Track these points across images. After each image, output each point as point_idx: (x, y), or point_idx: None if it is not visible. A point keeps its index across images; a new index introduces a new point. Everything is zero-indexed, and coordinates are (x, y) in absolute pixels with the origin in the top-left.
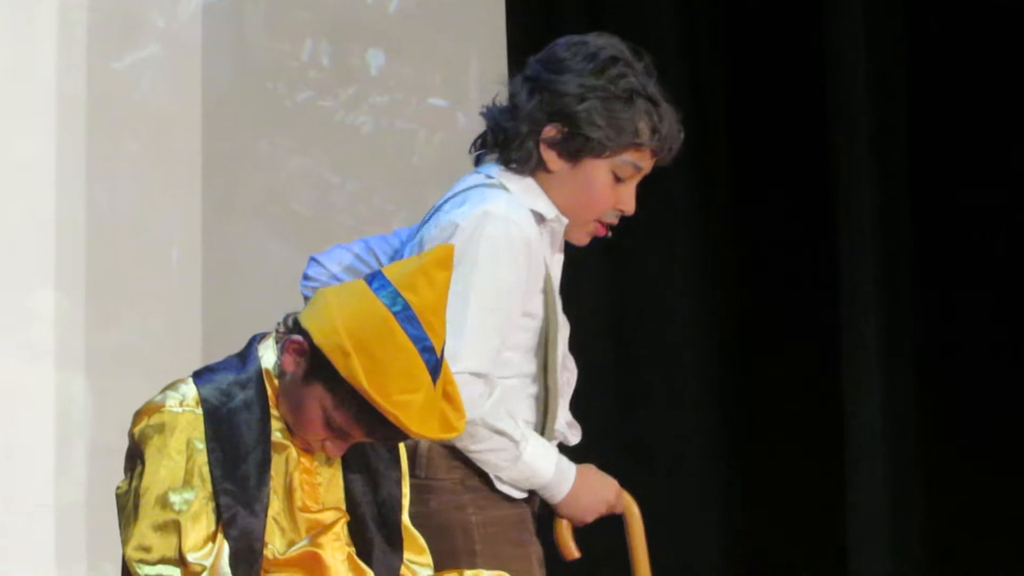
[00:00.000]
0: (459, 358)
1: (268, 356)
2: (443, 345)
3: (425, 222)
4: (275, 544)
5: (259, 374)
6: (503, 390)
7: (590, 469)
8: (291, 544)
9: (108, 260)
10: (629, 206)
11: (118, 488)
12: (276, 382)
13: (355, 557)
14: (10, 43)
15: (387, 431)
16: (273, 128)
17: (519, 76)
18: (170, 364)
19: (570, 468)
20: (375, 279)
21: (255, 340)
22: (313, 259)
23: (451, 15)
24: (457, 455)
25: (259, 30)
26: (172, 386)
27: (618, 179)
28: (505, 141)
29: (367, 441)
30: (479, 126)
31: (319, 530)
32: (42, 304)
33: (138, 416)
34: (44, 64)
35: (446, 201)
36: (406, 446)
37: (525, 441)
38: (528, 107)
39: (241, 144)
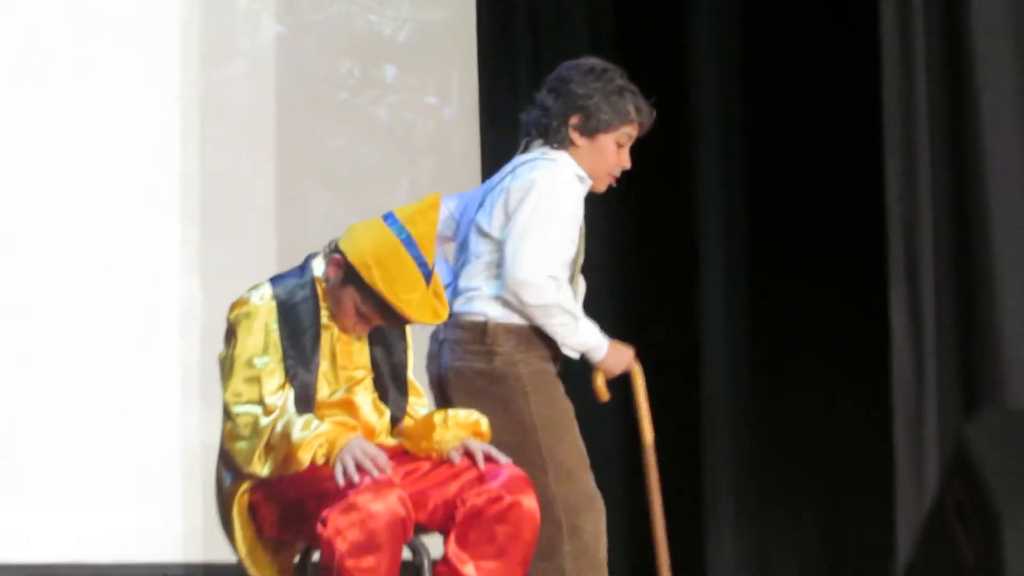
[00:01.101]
0: (543, 265)
1: (318, 268)
2: (433, 261)
3: (493, 186)
4: (323, 392)
5: (312, 280)
6: (566, 287)
7: (615, 341)
8: (334, 392)
9: (215, 203)
10: (627, 163)
11: (220, 355)
12: (324, 285)
13: (377, 400)
14: (145, 61)
15: (396, 318)
16: (322, 117)
17: (543, 90)
18: (255, 273)
19: (605, 338)
20: (388, 217)
21: (309, 257)
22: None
23: (440, 43)
24: (508, 330)
25: (313, 51)
26: (256, 287)
27: (619, 146)
28: (546, 132)
29: (383, 324)
30: (461, 117)
31: (353, 382)
32: (170, 234)
33: (233, 307)
34: (169, 74)
35: (515, 168)
36: (475, 324)
37: (580, 319)
38: (556, 107)
39: (301, 128)
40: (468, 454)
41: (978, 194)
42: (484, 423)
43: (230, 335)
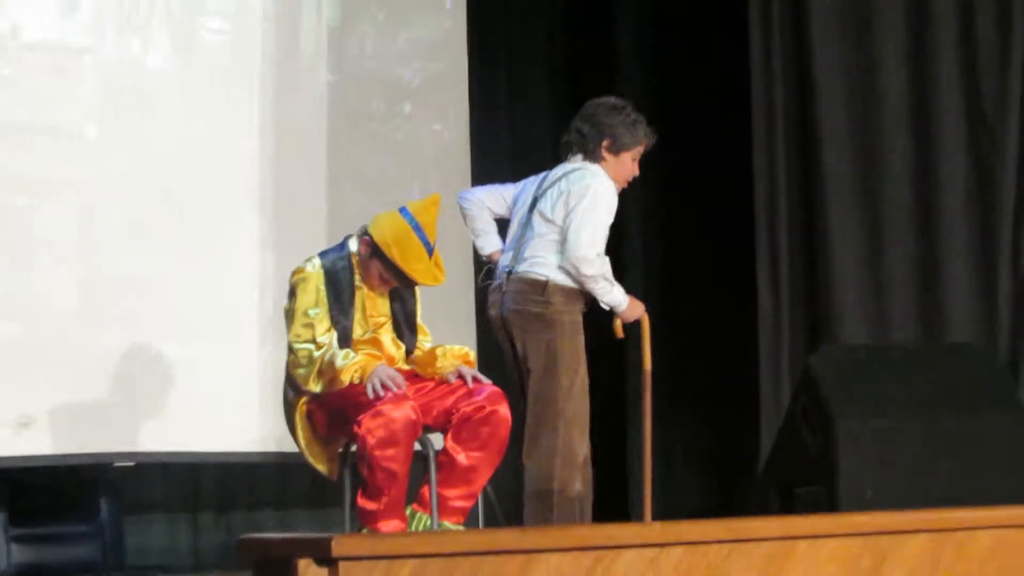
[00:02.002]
0: (594, 246)
1: (352, 245)
2: (434, 241)
3: (550, 183)
4: (357, 333)
5: (349, 254)
6: (607, 261)
7: (632, 298)
8: (364, 333)
9: (283, 200)
10: (637, 172)
11: (284, 308)
12: (357, 258)
13: (396, 338)
14: (235, 97)
15: (407, 281)
16: (359, 139)
17: (578, 120)
18: (309, 248)
19: (627, 296)
20: (402, 210)
21: (347, 238)
22: (465, 191)
23: (443, 86)
24: (561, 289)
25: (354, 93)
26: (308, 258)
27: (633, 160)
28: (584, 150)
29: (398, 285)
30: (457, 139)
31: (378, 326)
32: (251, 222)
33: (293, 273)
34: (251, 107)
35: (567, 174)
36: (538, 282)
37: (615, 284)
38: (590, 133)
39: (344, 147)
40: (460, 376)
41: (819, 196)
42: (472, 354)
43: (291, 293)
